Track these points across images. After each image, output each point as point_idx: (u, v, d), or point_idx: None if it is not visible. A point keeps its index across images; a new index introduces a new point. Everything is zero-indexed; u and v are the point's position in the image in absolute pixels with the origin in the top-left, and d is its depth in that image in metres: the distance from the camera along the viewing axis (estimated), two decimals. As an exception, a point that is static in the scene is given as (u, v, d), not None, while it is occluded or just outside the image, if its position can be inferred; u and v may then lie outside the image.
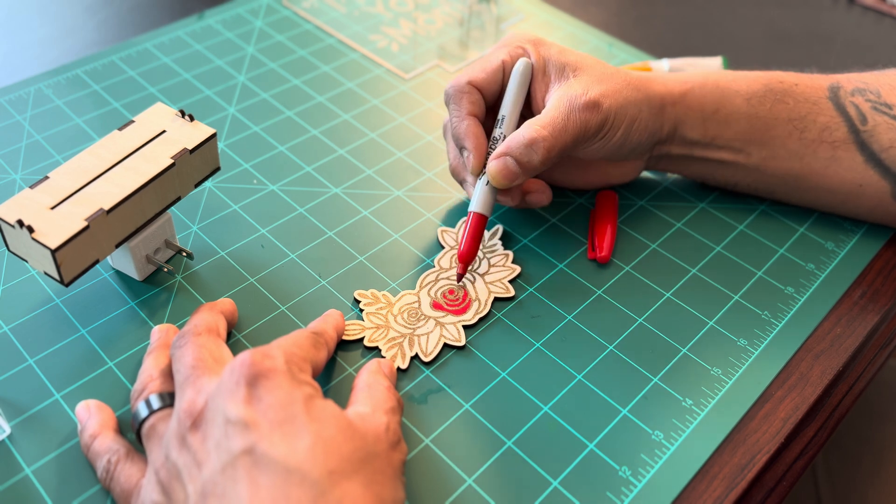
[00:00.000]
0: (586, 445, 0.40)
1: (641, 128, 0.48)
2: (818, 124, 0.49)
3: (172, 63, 0.64)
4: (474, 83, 0.48)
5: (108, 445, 0.37)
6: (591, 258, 0.49)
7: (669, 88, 0.49)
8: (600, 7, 0.76)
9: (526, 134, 0.45)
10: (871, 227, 0.53)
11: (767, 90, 0.50)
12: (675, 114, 0.49)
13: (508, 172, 0.45)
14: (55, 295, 0.46)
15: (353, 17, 0.71)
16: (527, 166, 0.45)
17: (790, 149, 0.50)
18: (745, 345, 0.45)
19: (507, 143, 0.45)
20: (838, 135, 0.49)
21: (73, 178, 0.42)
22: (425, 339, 0.44)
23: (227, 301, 0.44)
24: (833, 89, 0.50)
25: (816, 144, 0.49)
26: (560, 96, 0.46)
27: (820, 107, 0.49)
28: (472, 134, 0.47)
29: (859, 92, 0.49)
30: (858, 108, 0.49)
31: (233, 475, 0.31)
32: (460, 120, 0.47)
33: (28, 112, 0.58)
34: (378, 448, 0.34)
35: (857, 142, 0.48)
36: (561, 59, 0.48)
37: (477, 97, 0.48)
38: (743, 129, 0.49)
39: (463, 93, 0.47)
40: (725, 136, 0.50)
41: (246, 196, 0.53)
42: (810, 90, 0.50)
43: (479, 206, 0.46)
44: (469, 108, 0.47)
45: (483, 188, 0.47)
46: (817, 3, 0.77)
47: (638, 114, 0.47)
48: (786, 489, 0.41)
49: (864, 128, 0.48)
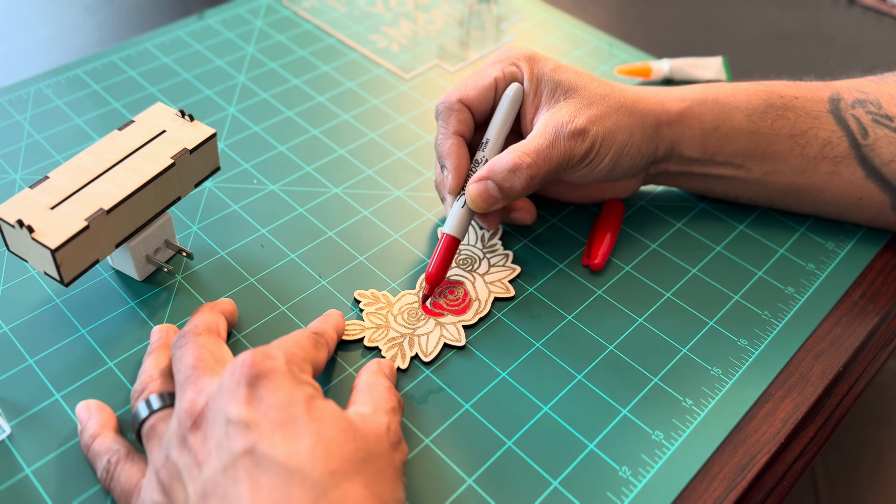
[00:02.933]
0: (586, 445, 0.40)
1: (633, 152, 0.47)
2: (819, 139, 0.48)
3: (172, 63, 0.64)
4: (465, 101, 0.47)
5: (109, 445, 0.37)
6: (585, 264, 0.49)
7: (666, 107, 0.48)
8: (600, 7, 0.76)
9: (509, 159, 0.44)
10: (871, 227, 0.53)
11: (768, 105, 0.49)
12: (672, 133, 0.48)
13: (488, 196, 0.45)
14: (55, 295, 0.46)
15: (353, 17, 0.71)
16: (508, 192, 0.45)
17: (792, 164, 0.49)
18: (745, 345, 0.45)
19: (489, 167, 0.45)
20: (839, 150, 0.48)
21: (73, 178, 0.42)
22: (425, 339, 0.44)
23: (227, 301, 0.44)
24: (833, 101, 0.49)
25: (818, 160, 0.49)
26: (547, 122, 0.45)
27: (821, 121, 0.49)
28: (453, 154, 0.46)
29: (860, 104, 0.49)
30: (859, 121, 0.48)
31: (234, 475, 0.31)
32: (445, 138, 0.47)
33: (28, 112, 0.58)
34: (379, 448, 0.34)
35: (857, 156, 0.48)
36: (554, 77, 0.47)
37: (466, 115, 0.47)
38: (743, 145, 0.49)
39: (452, 111, 0.47)
40: (726, 152, 0.49)
41: (246, 196, 0.53)
42: (811, 104, 0.49)
43: (453, 228, 0.46)
44: (456, 126, 0.47)
45: (459, 210, 0.46)
46: (817, 3, 0.77)
47: (629, 139, 0.46)
48: (786, 489, 0.41)
49: (864, 142, 0.48)
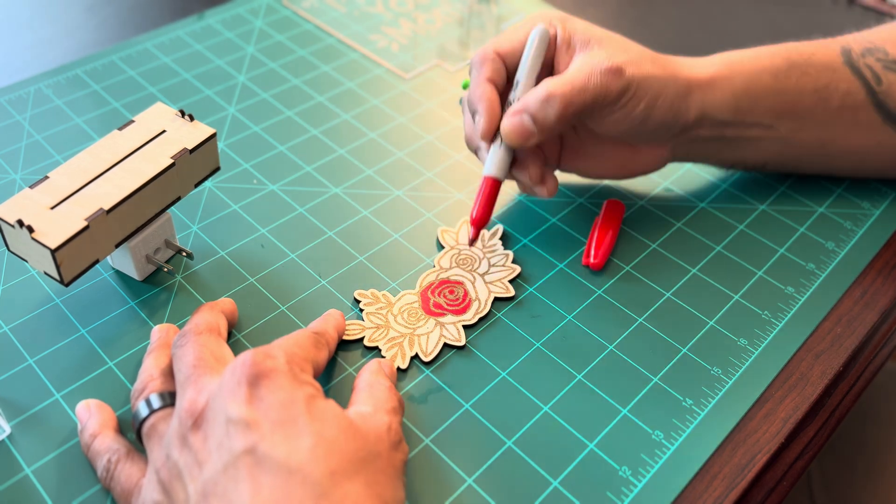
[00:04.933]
0: (586, 445, 0.40)
1: (665, 106, 0.47)
2: (840, 91, 0.50)
3: (172, 63, 0.64)
4: (500, 52, 0.48)
5: (109, 445, 0.37)
6: (585, 264, 0.49)
7: (696, 73, 0.49)
8: (600, 7, 0.76)
9: (542, 89, 0.44)
10: (871, 227, 0.53)
11: (790, 64, 0.50)
12: (703, 99, 0.49)
13: (523, 129, 0.44)
14: (55, 295, 0.46)
15: (353, 16, 0.71)
16: (542, 123, 0.44)
17: (817, 118, 0.51)
18: (745, 345, 0.45)
19: (523, 100, 0.45)
20: (858, 98, 0.50)
21: (73, 178, 0.42)
22: (425, 339, 0.44)
23: (228, 301, 0.44)
24: (846, 53, 0.51)
25: (840, 111, 0.50)
26: (583, 60, 0.46)
27: (839, 73, 0.50)
28: (485, 98, 0.46)
29: (869, 52, 0.51)
30: (872, 68, 0.50)
31: (234, 475, 0.31)
32: (477, 85, 0.47)
33: (28, 112, 0.58)
34: (380, 448, 0.34)
35: (874, 102, 0.50)
36: (587, 33, 0.47)
37: (499, 66, 0.48)
38: (772, 104, 0.50)
39: (487, 59, 0.47)
40: (756, 113, 0.50)
41: (246, 196, 0.53)
42: (827, 57, 0.51)
43: (494, 169, 0.45)
44: (489, 74, 0.47)
45: (497, 151, 0.46)
46: (817, 3, 0.77)
47: (662, 90, 0.47)
48: (786, 489, 0.41)
49: (879, 88, 0.50)
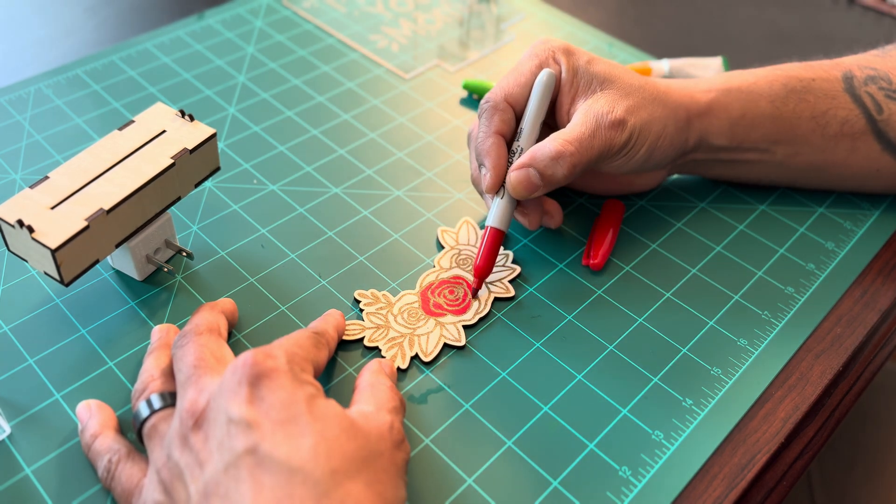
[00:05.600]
0: (586, 445, 0.40)
1: (666, 144, 0.48)
2: (839, 118, 0.50)
3: (172, 63, 0.64)
4: (510, 100, 0.47)
5: (109, 445, 0.37)
6: (585, 264, 0.49)
7: (695, 99, 0.49)
8: (600, 7, 0.76)
9: (552, 147, 0.44)
10: (871, 227, 0.53)
11: (789, 90, 0.50)
12: (702, 125, 0.50)
13: (529, 184, 0.45)
14: (55, 295, 0.46)
15: (353, 17, 0.71)
16: (550, 179, 0.45)
17: (813, 144, 0.51)
18: (745, 345, 0.45)
19: (531, 154, 0.45)
20: (857, 126, 0.50)
21: (73, 178, 0.42)
22: (425, 339, 0.44)
23: (228, 301, 0.44)
24: (847, 80, 0.51)
25: (838, 138, 0.51)
26: (587, 111, 0.46)
27: (839, 101, 0.50)
28: (493, 153, 0.46)
29: (871, 80, 0.51)
30: (873, 97, 0.50)
31: (236, 475, 0.31)
32: (486, 136, 0.47)
33: (28, 112, 0.58)
34: (381, 447, 0.34)
35: (874, 131, 0.50)
36: (589, 70, 0.47)
37: (509, 115, 0.47)
38: (768, 130, 0.50)
39: (497, 110, 0.47)
40: (752, 139, 0.51)
41: (246, 196, 0.53)
42: (827, 84, 0.51)
43: (496, 220, 0.46)
44: (498, 125, 0.47)
45: (500, 202, 0.46)
46: (817, 3, 0.77)
47: (663, 130, 0.47)
48: (786, 489, 0.41)
49: (880, 117, 0.50)
